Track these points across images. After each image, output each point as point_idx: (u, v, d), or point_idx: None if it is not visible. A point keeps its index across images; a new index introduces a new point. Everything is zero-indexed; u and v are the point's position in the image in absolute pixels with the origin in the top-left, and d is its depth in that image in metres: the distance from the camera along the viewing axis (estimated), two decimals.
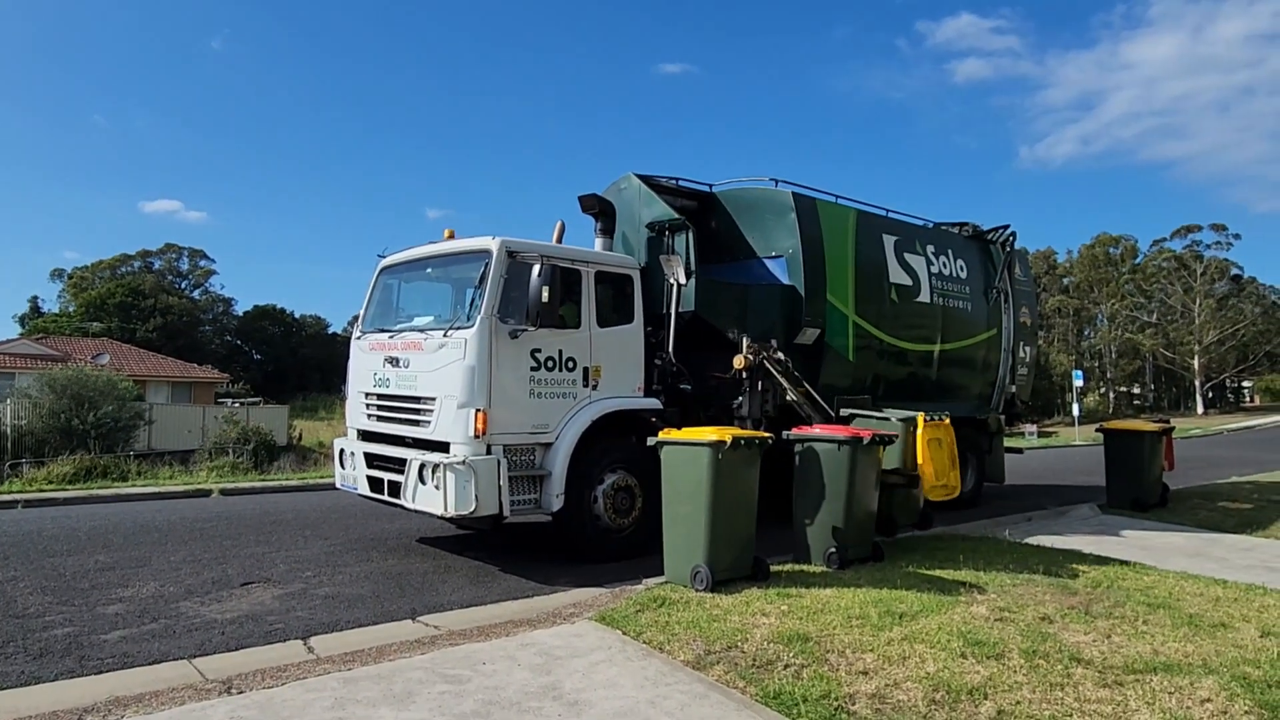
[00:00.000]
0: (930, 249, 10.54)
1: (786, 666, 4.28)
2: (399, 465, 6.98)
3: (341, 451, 7.96)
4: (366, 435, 7.72)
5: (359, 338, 8.03)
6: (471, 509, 6.34)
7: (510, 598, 6.00)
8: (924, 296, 10.20)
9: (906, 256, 10.10)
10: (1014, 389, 11.89)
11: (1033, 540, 8.03)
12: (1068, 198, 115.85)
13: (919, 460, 7.54)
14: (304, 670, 4.27)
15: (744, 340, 7.79)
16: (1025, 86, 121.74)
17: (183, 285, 70.81)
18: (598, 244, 8.35)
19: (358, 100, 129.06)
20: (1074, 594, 5.81)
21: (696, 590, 5.69)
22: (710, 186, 9.68)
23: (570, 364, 7.11)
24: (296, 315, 72.24)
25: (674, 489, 6.07)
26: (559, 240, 7.90)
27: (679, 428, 7.66)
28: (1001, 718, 3.74)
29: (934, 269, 10.44)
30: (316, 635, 4.99)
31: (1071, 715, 3.77)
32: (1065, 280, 70.43)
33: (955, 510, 9.54)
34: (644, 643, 4.68)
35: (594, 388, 7.25)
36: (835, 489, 6.66)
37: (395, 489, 7.00)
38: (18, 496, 11.57)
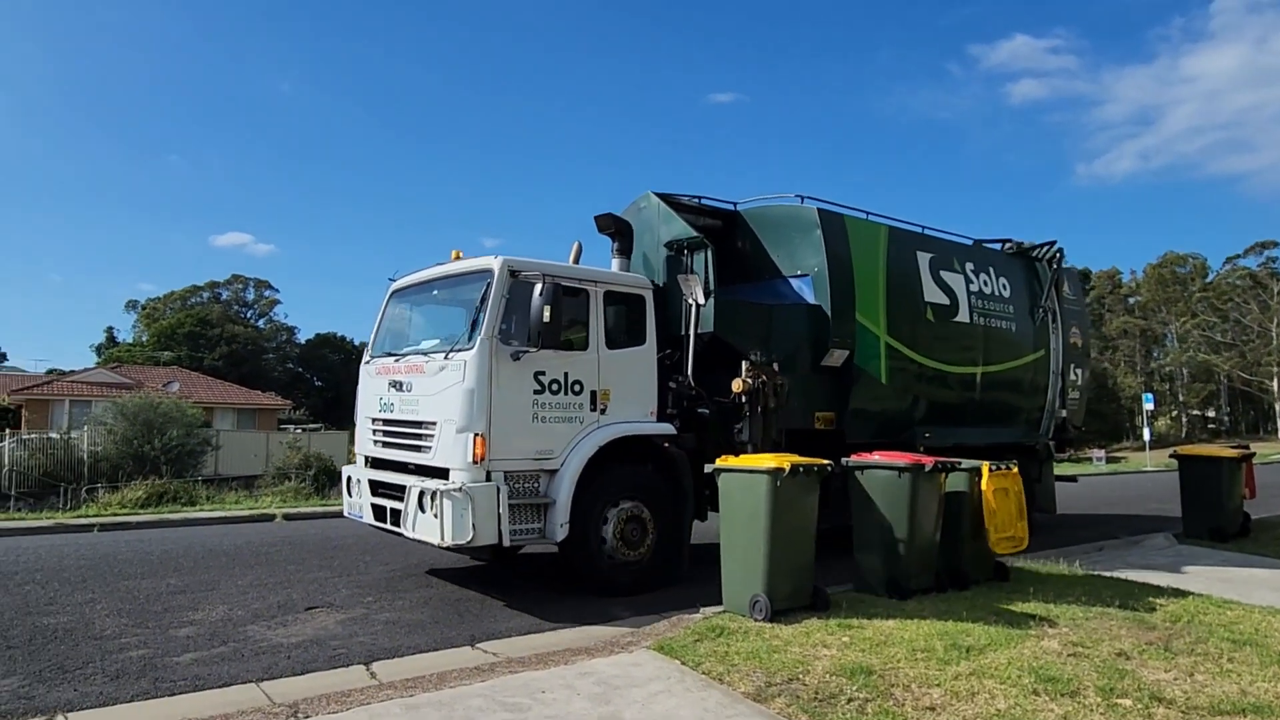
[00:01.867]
0: (969, 266, 10.16)
1: (850, 700, 4.19)
2: (401, 492, 6.77)
3: (349, 479, 7.76)
4: (373, 462, 7.54)
5: (368, 362, 7.88)
6: (468, 538, 6.10)
7: (567, 625, 5.99)
8: (963, 316, 9.83)
9: (943, 274, 9.73)
10: (1064, 413, 11.38)
11: (1105, 572, 7.73)
12: (1129, 215, 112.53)
13: (985, 511, 6.96)
14: (367, 696, 4.32)
15: (744, 363, 7.49)
16: (1081, 103, 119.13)
17: (248, 314, 73.20)
18: (614, 264, 8.11)
19: (419, 134, 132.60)
20: (1152, 629, 5.57)
21: (755, 620, 5.61)
22: (735, 205, 9.48)
23: (576, 387, 6.85)
24: (356, 342, 73.86)
25: (731, 517, 6.02)
26: (576, 261, 7.71)
27: (696, 453, 7.56)
28: None
29: (973, 287, 10.06)
30: (378, 660, 5.06)
31: None
32: (1130, 300, 68.33)
33: None
34: (703, 673, 4.63)
35: (602, 412, 6.96)
36: (896, 517, 6.52)
37: (398, 517, 6.79)
38: (94, 520, 12.02)
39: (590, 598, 6.97)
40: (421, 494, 6.44)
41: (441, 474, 6.49)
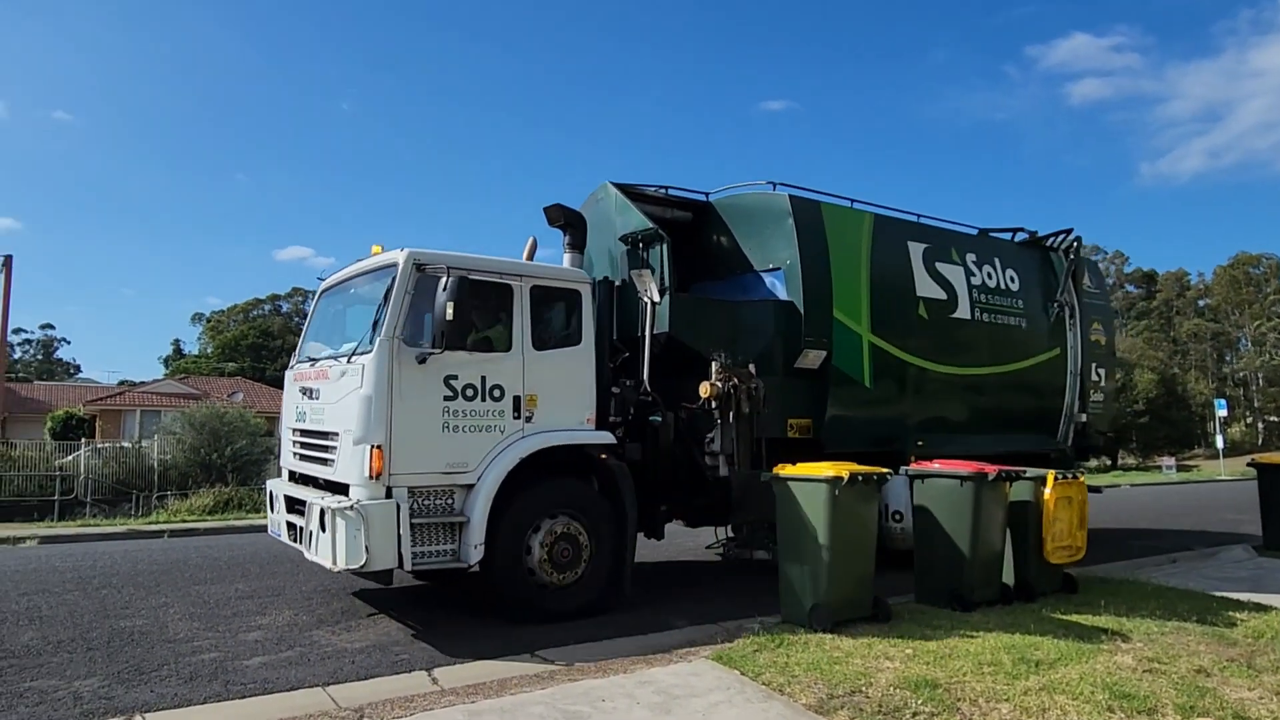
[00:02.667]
0: (970, 258, 9.41)
1: (915, 714, 4.10)
2: (304, 509, 6.18)
3: (270, 494, 7.19)
4: (294, 476, 6.97)
5: (290, 368, 7.31)
6: (361, 562, 5.51)
7: (625, 634, 5.98)
8: (962, 312, 9.09)
9: (939, 266, 9.00)
10: (1085, 418, 10.36)
11: (1179, 584, 7.45)
12: (1198, 214, 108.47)
13: (1045, 520, 6.73)
14: (429, 701, 4.38)
15: (713, 365, 6.98)
16: (1144, 101, 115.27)
17: None
18: (565, 260, 7.40)
19: (472, 149, 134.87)
20: (1233, 644, 5.34)
21: (815, 631, 5.53)
22: (708, 195, 8.89)
23: (496, 392, 6.16)
24: None
25: (790, 526, 5.94)
26: (529, 257, 7.18)
27: (643, 464, 7.02)
28: None
29: (975, 280, 9.30)
30: (440, 667, 5.11)
31: None
32: (1201, 303, 65.93)
33: None
34: (763, 684, 4.58)
35: (527, 420, 6.27)
36: (958, 528, 6.38)
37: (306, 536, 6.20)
38: (164, 527, 12.47)
39: (646, 605, 6.96)
40: (321, 512, 5.82)
41: (344, 490, 5.89)
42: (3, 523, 14.56)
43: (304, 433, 6.67)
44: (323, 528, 5.78)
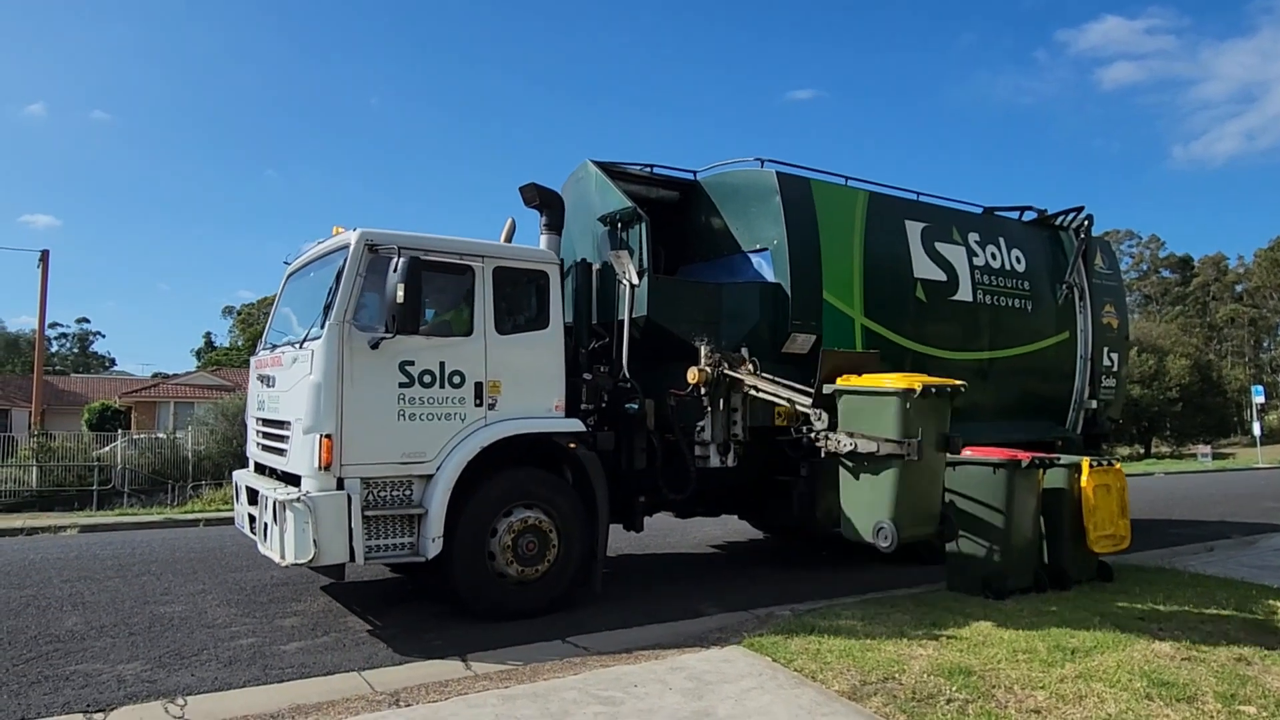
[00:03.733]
0: (973, 237, 9.00)
1: (950, 701, 4.07)
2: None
3: (235, 485, 7.03)
4: (257, 467, 6.80)
5: (255, 355, 7.16)
6: (309, 557, 5.32)
7: (656, 621, 6.00)
8: (963, 294, 8.71)
9: (939, 247, 8.61)
10: (1095, 404, 9.94)
11: (1217, 572, 7.33)
12: (1234, 197, 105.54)
13: (1086, 509, 6.67)
14: (464, 686, 4.43)
15: (701, 349, 6.72)
16: (1176, 83, 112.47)
17: None
18: (542, 241, 7.06)
19: (502, 138, 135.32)
20: (1273, 633, 5.26)
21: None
22: (695, 174, 8.53)
23: (456, 379, 5.90)
24: None
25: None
26: (507, 240, 6.95)
27: (616, 454, 6.79)
28: None
29: (978, 261, 8.92)
30: (473, 653, 5.16)
31: None
32: (1239, 287, 64.57)
33: None
34: (795, 670, 4.57)
35: (490, 407, 6.02)
36: (991, 515, 6.32)
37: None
38: (199, 516, 12.68)
39: (676, 592, 6.97)
40: (274, 504, 5.64)
41: (298, 481, 5.68)
42: (44, 512, 14.91)
43: (264, 421, 6.51)
44: (275, 520, 5.60)
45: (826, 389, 5.85)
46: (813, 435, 6.21)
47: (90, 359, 74.74)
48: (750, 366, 6.80)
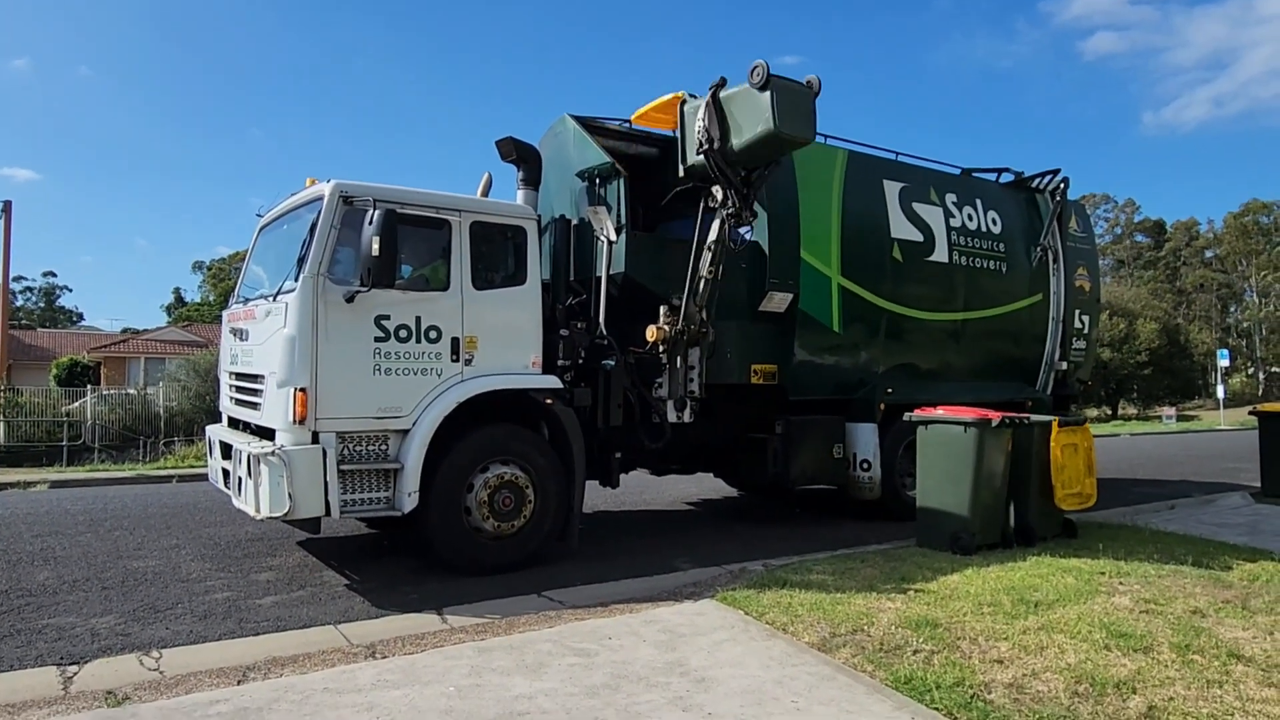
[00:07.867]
0: (950, 198, 9.05)
1: (916, 652, 4.18)
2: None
3: (209, 440, 6.97)
4: (231, 422, 6.81)
5: (227, 309, 7.13)
6: (284, 510, 5.32)
7: (631, 575, 6.08)
8: (939, 255, 8.78)
9: (916, 207, 8.67)
10: (1065, 365, 10.10)
11: (1177, 529, 7.53)
12: (1203, 163, 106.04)
13: (1054, 467, 6.79)
14: (440, 639, 4.47)
15: (661, 308, 6.80)
16: (1148, 50, 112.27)
17: None
18: (519, 196, 6.98)
19: (487, 99, 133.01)
20: (1228, 587, 5.42)
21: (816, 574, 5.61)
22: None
23: (432, 333, 5.89)
24: None
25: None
26: (484, 194, 6.88)
27: (593, 410, 6.84)
28: (1153, 713, 3.53)
29: (954, 222, 8.98)
30: (449, 606, 5.20)
31: (1233, 715, 3.53)
32: (1208, 253, 65.44)
33: None
34: (767, 623, 4.66)
35: (467, 362, 6.01)
36: (960, 472, 6.44)
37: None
38: (172, 472, 12.61)
39: (652, 548, 7.06)
40: (248, 458, 5.60)
41: (272, 435, 5.67)
42: (12, 468, 14.74)
43: (237, 375, 6.48)
44: (249, 474, 5.57)
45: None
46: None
47: (57, 313, 73.32)
48: (703, 329, 6.89)
